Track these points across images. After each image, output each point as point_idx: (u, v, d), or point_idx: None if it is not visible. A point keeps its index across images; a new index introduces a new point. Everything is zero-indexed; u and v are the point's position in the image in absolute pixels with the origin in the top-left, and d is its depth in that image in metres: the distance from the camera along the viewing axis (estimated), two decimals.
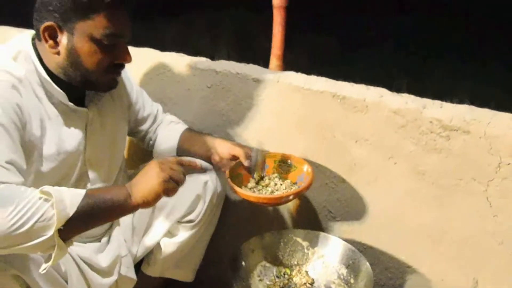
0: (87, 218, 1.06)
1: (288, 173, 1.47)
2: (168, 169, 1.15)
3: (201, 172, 1.43)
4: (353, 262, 1.35)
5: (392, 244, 1.44)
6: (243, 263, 1.34)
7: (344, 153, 1.45)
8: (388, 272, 1.46)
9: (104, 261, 1.38)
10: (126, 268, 1.44)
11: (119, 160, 1.47)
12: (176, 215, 1.47)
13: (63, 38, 1.18)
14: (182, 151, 1.56)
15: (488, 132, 1.20)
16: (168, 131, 1.58)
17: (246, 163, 1.44)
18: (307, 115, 1.50)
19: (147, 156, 1.65)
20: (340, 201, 1.50)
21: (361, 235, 1.48)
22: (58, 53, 1.19)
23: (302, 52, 4.47)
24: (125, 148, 1.54)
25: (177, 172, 1.17)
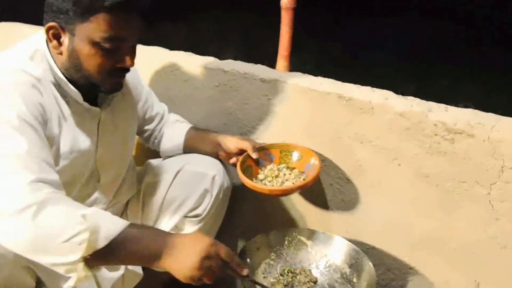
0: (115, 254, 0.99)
1: (295, 163, 1.49)
2: (215, 260, 1.03)
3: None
4: (356, 262, 1.36)
5: (395, 245, 1.45)
6: (248, 260, 1.35)
7: (349, 154, 1.46)
8: (391, 273, 1.47)
9: None
10: None
11: (128, 159, 1.48)
12: (184, 209, 1.48)
13: (65, 39, 1.17)
14: (188, 148, 1.57)
15: (492, 136, 1.21)
16: (173, 130, 1.60)
17: (254, 156, 1.45)
18: (313, 116, 1.51)
19: (154, 152, 1.67)
20: (344, 201, 1.51)
21: (364, 236, 1.50)
22: (61, 54, 1.19)
23: (309, 55, 4.47)
24: (134, 146, 1.55)
25: (220, 268, 1.04)
